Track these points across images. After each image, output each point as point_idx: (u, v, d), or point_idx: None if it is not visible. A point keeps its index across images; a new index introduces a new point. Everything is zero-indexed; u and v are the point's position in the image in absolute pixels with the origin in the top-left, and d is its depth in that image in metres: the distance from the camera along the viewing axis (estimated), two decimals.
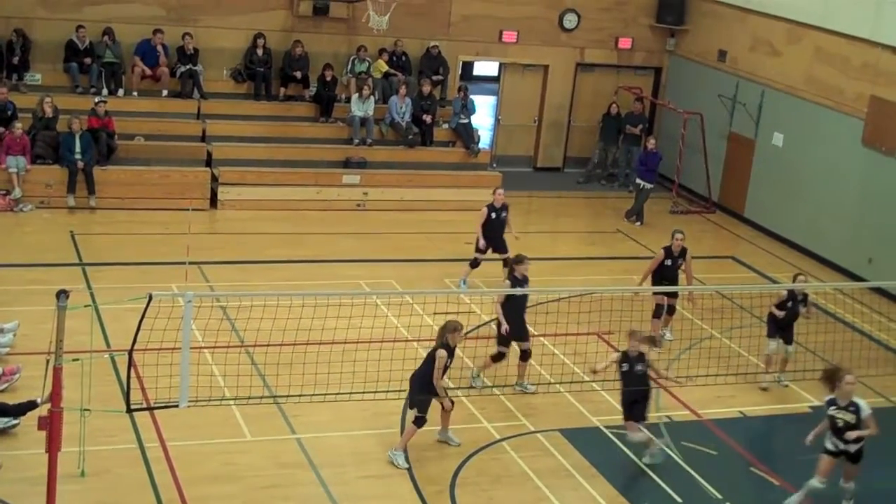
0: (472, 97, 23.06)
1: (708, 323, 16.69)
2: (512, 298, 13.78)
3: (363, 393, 11.95)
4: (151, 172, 20.21)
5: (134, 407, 10.64)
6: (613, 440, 13.25)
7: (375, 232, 20.12)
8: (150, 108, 21.47)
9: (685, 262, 16.16)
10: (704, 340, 16.21)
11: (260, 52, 22.24)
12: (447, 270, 17.88)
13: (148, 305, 9.80)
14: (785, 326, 15.01)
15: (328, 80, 22.20)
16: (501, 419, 13.48)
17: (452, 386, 13.14)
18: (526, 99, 25.20)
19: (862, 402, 11.57)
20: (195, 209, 18.79)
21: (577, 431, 13.33)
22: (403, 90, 22.28)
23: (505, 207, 17.36)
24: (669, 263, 16.06)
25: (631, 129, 24.43)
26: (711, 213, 23.46)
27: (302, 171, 21.25)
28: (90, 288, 16.01)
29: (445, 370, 12.29)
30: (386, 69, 23.07)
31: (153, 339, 10.44)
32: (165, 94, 21.76)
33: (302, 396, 11.97)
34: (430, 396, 12.25)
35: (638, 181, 22.21)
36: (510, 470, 12.43)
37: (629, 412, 12.69)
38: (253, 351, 14.18)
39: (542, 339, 15.21)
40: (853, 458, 11.70)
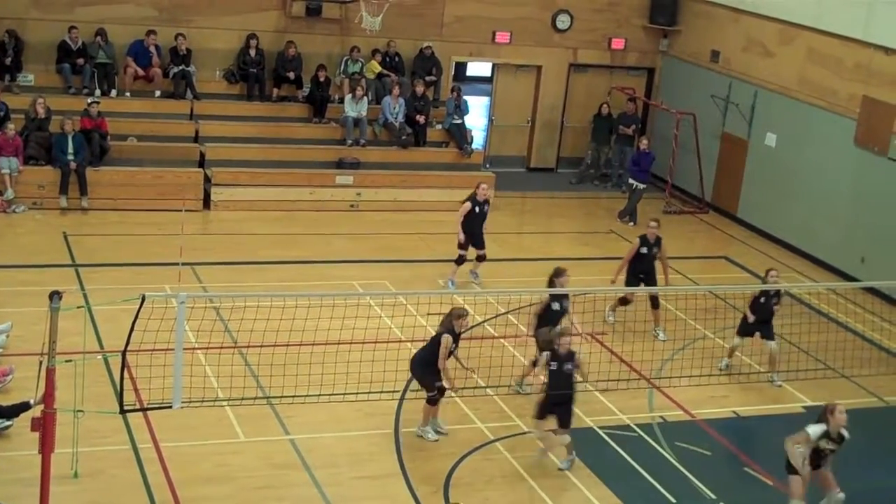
0: (465, 98, 23.06)
1: (701, 323, 16.70)
2: (548, 311, 13.80)
3: (357, 394, 11.96)
4: (144, 173, 20.18)
5: (127, 408, 10.65)
6: (607, 441, 13.26)
7: (369, 232, 20.12)
8: (142, 108, 21.43)
9: (660, 250, 16.33)
10: (698, 340, 16.22)
11: (253, 52, 22.22)
12: (440, 271, 17.87)
13: (141, 306, 9.81)
14: (762, 323, 15.04)
15: (321, 80, 22.19)
16: (495, 420, 13.48)
17: (448, 387, 13.12)
18: (519, 99, 25.22)
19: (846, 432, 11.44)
20: (188, 210, 18.75)
21: (571, 432, 13.30)
22: (397, 91, 22.28)
23: (487, 202, 17.51)
24: (646, 252, 16.26)
25: (624, 129, 24.46)
26: (704, 213, 23.49)
27: (295, 171, 21.24)
28: (83, 289, 15.99)
29: (450, 355, 12.50)
30: (379, 70, 23.07)
31: (146, 340, 10.45)
32: (158, 94, 21.73)
33: (295, 397, 11.98)
34: (433, 377, 12.55)
35: (631, 181, 22.25)
36: (504, 470, 12.43)
37: (548, 412, 12.40)
38: (246, 352, 14.17)
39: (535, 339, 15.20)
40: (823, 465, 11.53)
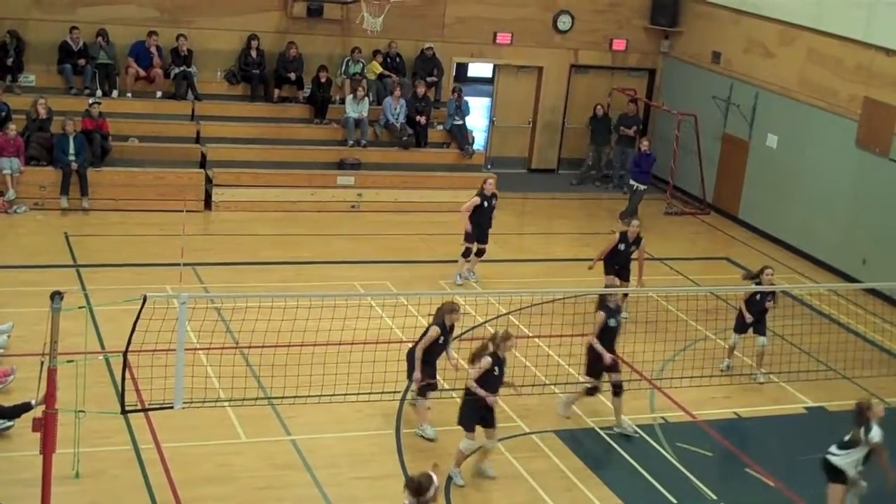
0: (466, 99, 23.07)
1: (702, 324, 16.70)
2: (605, 329, 13.35)
3: (358, 394, 11.96)
4: (146, 174, 20.18)
5: (128, 408, 10.65)
6: (609, 441, 13.26)
7: (370, 233, 20.11)
8: (144, 109, 21.43)
9: (638, 249, 16.54)
10: (699, 342, 16.22)
11: (254, 53, 22.23)
12: (442, 272, 17.88)
13: (142, 307, 9.81)
14: (756, 319, 15.09)
15: (322, 81, 22.19)
16: (496, 420, 13.44)
17: (448, 387, 13.14)
18: (520, 100, 25.21)
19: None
20: (189, 210, 18.73)
21: (572, 433, 13.34)
22: (398, 91, 22.28)
23: (495, 196, 17.68)
24: (622, 248, 16.53)
25: (625, 130, 24.46)
26: (706, 214, 23.49)
27: (296, 172, 21.23)
28: (84, 289, 15.99)
29: (440, 348, 12.66)
30: (380, 70, 23.07)
31: (148, 340, 10.44)
32: (159, 95, 21.73)
33: (297, 398, 11.99)
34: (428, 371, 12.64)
35: (632, 182, 22.25)
36: (505, 471, 12.41)
37: (479, 419, 11.96)
38: (248, 352, 14.17)
39: (536, 340, 15.23)
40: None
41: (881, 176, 19.34)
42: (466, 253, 17.72)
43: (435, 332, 12.63)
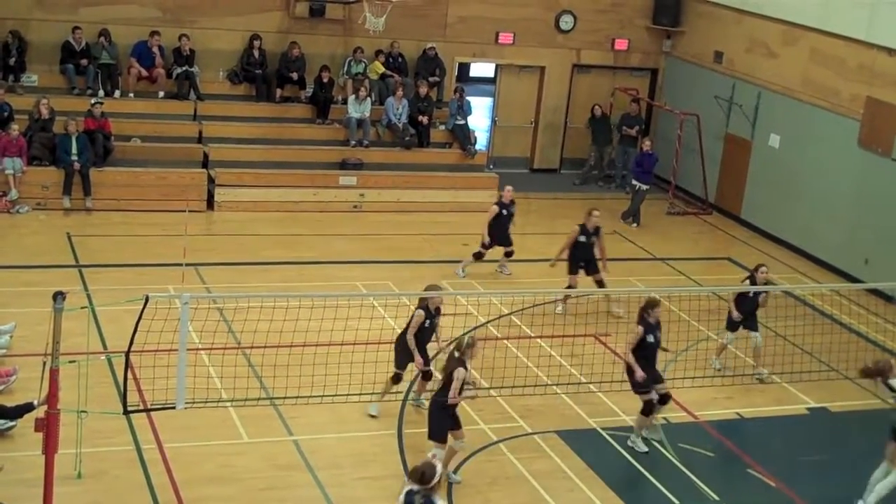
0: (468, 98, 23.06)
1: (704, 324, 16.68)
2: (644, 344, 12.96)
3: (360, 395, 11.96)
4: (148, 174, 20.19)
5: (131, 408, 10.67)
6: (610, 442, 13.25)
7: (372, 233, 20.11)
8: (146, 109, 21.44)
9: (599, 239, 16.77)
10: (701, 342, 16.21)
11: (256, 53, 22.24)
12: (444, 272, 17.87)
13: (145, 307, 9.83)
14: (747, 316, 15.10)
15: (325, 81, 22.20)
16: (498, 421, 13.47)
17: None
18: (522, 100, 25.21)
19: None
20: (192, 210, 18.77)
21: (573, 433, 13.33)
22: (400, 92, 22.28)
23: (513, 203, 18.02)
24: (584, 240, 16.66)
25: (627, 130, 24.45)
26: (708, 214, 23.48)
27: (298, 172, 21.24)
28: (87, 289, 16.00)
29: (428, 332, 12.81)
30: (382, 70, 23.07)
31: (150, 340, 10.46)
32: (162, 95, 21.74)
33: (299, 398, 11.99)
34: (406, 355, 12.80)
35: (634, 182, 22.24)
36: (507, 471, 12.42)
37: (449, 427, 11.81)
38: (250, 352, 14.17)
39: (538, 340, 15.23)
40: None
41: (883, 176, 19.32)
42: (478, 255, 17.87)
43: (420, 315, 12.68)
